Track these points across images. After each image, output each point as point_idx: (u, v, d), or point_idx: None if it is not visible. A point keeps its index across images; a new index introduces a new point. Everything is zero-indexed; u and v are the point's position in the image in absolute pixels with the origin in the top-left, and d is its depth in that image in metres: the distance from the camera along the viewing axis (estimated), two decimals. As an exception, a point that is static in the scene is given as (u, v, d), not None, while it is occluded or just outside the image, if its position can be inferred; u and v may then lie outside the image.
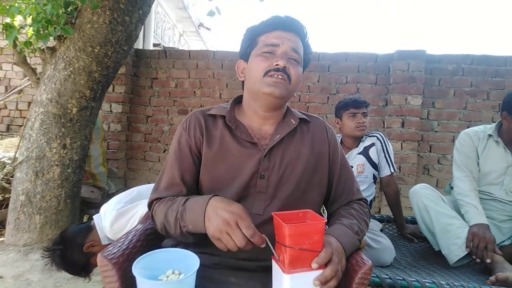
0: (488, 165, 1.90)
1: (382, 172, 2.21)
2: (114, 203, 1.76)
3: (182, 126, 1.10)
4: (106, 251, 0.93)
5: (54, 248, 1.59)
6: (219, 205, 0.85)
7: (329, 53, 3.97)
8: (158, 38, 7.23)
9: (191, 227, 0.88)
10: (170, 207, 0.96)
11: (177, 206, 0.94)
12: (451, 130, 3.73)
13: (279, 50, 1.02)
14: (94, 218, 1.77)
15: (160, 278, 0.82)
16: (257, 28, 1.07)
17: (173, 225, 0.93)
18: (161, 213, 0.98)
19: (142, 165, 4.36)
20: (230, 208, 0.83)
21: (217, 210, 0.84)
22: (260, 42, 1.05)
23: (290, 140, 1.07)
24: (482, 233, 1.66)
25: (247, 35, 1.10)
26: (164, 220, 0.96)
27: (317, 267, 0.79)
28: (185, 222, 0.89)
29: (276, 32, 1.04)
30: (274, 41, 1.02)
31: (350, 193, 1.16)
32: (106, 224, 1.68)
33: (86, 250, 1.64)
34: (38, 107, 2.52)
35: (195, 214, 0.88)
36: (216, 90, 4.18)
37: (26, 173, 2.52)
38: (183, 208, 0.91)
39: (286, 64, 1.00)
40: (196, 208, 0.88)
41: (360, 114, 2.18)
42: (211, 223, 0.83)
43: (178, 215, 0.91)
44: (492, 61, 3.65)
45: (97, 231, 1.71)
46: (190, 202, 0.92)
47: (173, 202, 0.97)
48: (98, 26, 2.39)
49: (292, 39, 1.04)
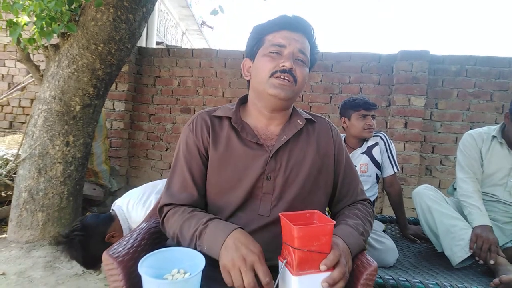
0: (492, 167, 1.90)
1: (385, 172, 2.21)
2: (138, 195, 1.75)
3: (189, 127, 1.09)
4: (111, 249, 0.93)
5: (75, 234, 1.56)
6: (241, 239, 0.84)
7: (332, 53, 3.96)
8: (161, 36, 7.24)
9: (206, 249, 0.87)
10: (187, 221, 0.94)
11: (196, 222, 0.92)
12: (454, 131, 3.72)
13: (286, 51, 1.01)
14: (115, 209, 1.77)
15: (165, 277, 0.82)
16: (264, 27, 1.06)
17: (188, 240, 0.92)
18: (176, 224, 0.96)
19: (144, 163, 4.36)
20: (251, 246, 0.82)
21: (237, 243, 0.82)
22: (266, 42, 1.04)
23: (296, 141, 1.07)
24: (485, 235, 1.66)
25: (253, 33, 1.08)
26: (178, 232, 0.95)
27: (325, 269, 0.78)
28: (202, 243, 0.88)
29: (283, 32, 1.03)
30: (281, 42, 1.01)
31: (355, 193, 1.16)
32: (137, 216, 1.67)
33: (108, 240, 1.64)
34: (41, 104, 2.52)
35: (214, 238, 0.86)
36: (219, 89, 4.18)
37: (29, 170, 2.52)
38: (204, 228, 0.90)
39: (293, 66, 0.99)
40: (217, 234, 0.87)
41: (370, 117, 2.18)
42: (227, 253, 0.82)
43: (197, 232, 0.90)
44: (495, 62, 3.64)
45: (119, 221, 1.71)
46: (213, 224, 0.90)
47: (191, 216, 0.95)
48: (102, 24, 2.39)
49: (299, 39, 1.03)
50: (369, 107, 2.19)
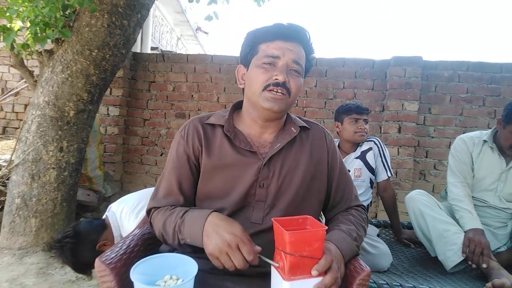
0: (482, 171, 1.91)
1: (379, 176, 2.22)
2: (133, 204, 1.74)
3: (180, 134, 1.09)
4: (104, 256, 0.92)
5: (66, 240, 1.56)
6: (219, 223, 0.85)
7: (326, 59, 3.99)
8: (156, 42, 7.24)
9: (188, 241, 0.89)
10: (168, 218, 0.96)
11: (175, 218, 0.94)
12: (447, 136, 3.75)
13: (279, 63, 0.99)
14: (108, 216, 1.75)
15: (158, 284, 0.82)
16: (258, 34, 1.04)
17: (171, 236, 0.94)
18: (159, 223, 0.98)
19: (139, 169, 4.34)
20: (230, 228, 0.83)
21: (217, 229, 0.84)
22: (260, 51, 1.02)
23: (290, 149, 1.06)
24: (477, 239, 1.67)
25: (247, 40, 1.06)
26: (162, 230, 0.97)
27: (317, 274, 0.79)
28: (183, 235, 0.90)
29: (278, 42, 1.00)
30: (275, 53, 0.99)
31: (349, 199, 1.16)
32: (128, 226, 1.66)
33: (99, 248, 1.63)
34: (35, 110, 2.51)
35: (193, 228, 0.88)
36: (213, 94, 4.18)
37: (22, 176, 2.50)
38: (181, 221, 0.92)
39: (286, 78, 0.98)
40: (195, 223, 0.88)
41: (361, 120, 2.19)
42: (210, 241, 0.83)
43: (176, 227, 0.92)
44: (487, 68, 3.68)
45: (111, 229, 1.70)
46: (188, 215, 0.92)
47: (171, 213, 0.97)
48: (96, 30, 2.39)
49: (293, 49, 1.01)
50: (361, 111, 2.21)
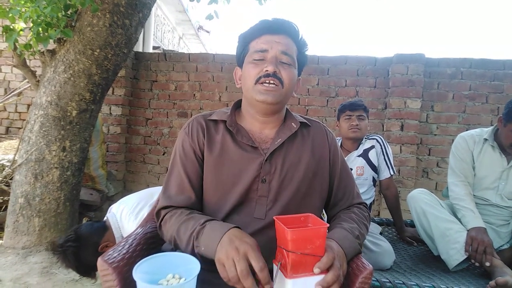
0: (483, 170, 1.90)
1: (381, 174, 2.21)
2: (133, 205, 1.73)
3: (185, 131, 1.10)
4: (107, 255, 0.93)
5: (68, 244, 1.55)
6: (236, 234, 0.85)
7: (328, 57, 3.98)
8: (157, 41, 7.24)
9: (203, 249, 0.87)
10: (184, 223, 0.95)
11: (194, 224, 0.92)
12: (450, 133, 3.73)
13: (268, 55, 1.01)
14: (109, 218, 1.75)
15: (160, 283, 0.82)
16: (247, 34, 1.07)
17: (185, 242, 0.92)
18: (173, 227, 0.97)
19: (141, 168, 4.35)
20: (245, 238, 0.83)
21: (232, 238, 0.83)
22: (251, 49, 1.05)
23: (291, 144, 1.07)
24: (480, 237, 1.66)
25: (239, 41, 1.10)
26: (175, 234, 0.95)
27: (319, 272, 0.79)
28: (199, 243, 0.89)
29: (265, 36, 1.03)
30: (263, 47, 1.02)
31: (350, 197, 1.16)
32: (128, 227, 1.66)
33: (101, 250, 1.63)
34: (37, 110, 2.52)
35: (211, 237, 0.87)
36: (215, 93, 4.18)
37: (25, 175, 2.52)
38: (201, 228, 0.90)
39: (276, 69, 0.99)
40: (215, 232, 0.87)
41: (354, 117, 2.19)
42: (221, 248, 0.82)
43: (194, 233, 0.90)
44: (490, 65, 3.66)
45: (112, 231, 1.70)
46: (210, 225, 0.91)
47: (188, 218, 0.96)
48: (98, 29, 2.39)
49: (281, 41, 1.03)
50: (354, 108, 2.21)
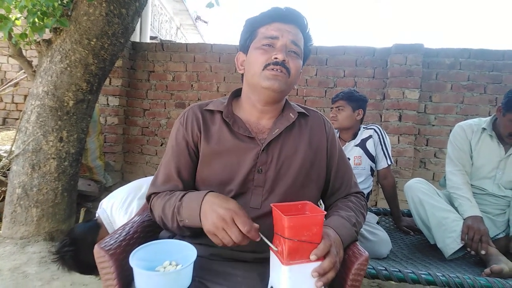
0: (480, 159, 1.91)
1: (379, 164, 2.22)
2: (122, 199, 1.71)
3: (180, 121, 1.10)
4: (103, 242, 0.93)
5: (65, 250, 1.53)
6: (214, 201, 0.86)
7: (327, 47, 3.96)
8: (155, 31, 7.19)
9: (187, 222, 0.90)
10: (167, 202, 0.97)
11: (174, 201, 0.95)
12: (448, 124, 3.73)
13: (278, 43, 1.00)
14: (100, 214, 1.72)
15: (157, 269, 0.82)
16: (257, 19, 1.05)
17: (170, 219, 0.95)
18: (159, 207, 0.99)
19: (139, 159, 4.35)
20: (225, 204, 0.84)
21: (212, 206, 0.84)
22: (259, 34, 1.03)
23: (288, 135, 1.06)
24: (476, 226, 1.68)
25: (246, 26, 1.08)
26: (161, 214, 0.98)
27: (316, 259, 0.79)
28: (182, 217, 0.91)
29: (276, 24, 1.02)
30: (274, 34, 1.00)
31: (348, 186, 1.16)
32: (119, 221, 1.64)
33: None
34: (34, 100, 2.50)
35: (191, 209, 0.89)
36: (213, 84, 4.17)
37: (23, 166, 2.51)
38: (180, 203, 0.92)
39: (285, 58, 0.98)
40: (192, 204, 0.89)
41: (334, 108, 2.24)
42: (206, 219, 0.84)
43: (175, 209, 0.92)
44: (489, 55, 3.65)
45: (105, 227, 1.69)
46: (187, 197, 0.93)
47: (170, 197, 0.98)
48: (95, 18, 2.36)
49: (292, 31, 1.02)
50: (334, 99, 2.29)
